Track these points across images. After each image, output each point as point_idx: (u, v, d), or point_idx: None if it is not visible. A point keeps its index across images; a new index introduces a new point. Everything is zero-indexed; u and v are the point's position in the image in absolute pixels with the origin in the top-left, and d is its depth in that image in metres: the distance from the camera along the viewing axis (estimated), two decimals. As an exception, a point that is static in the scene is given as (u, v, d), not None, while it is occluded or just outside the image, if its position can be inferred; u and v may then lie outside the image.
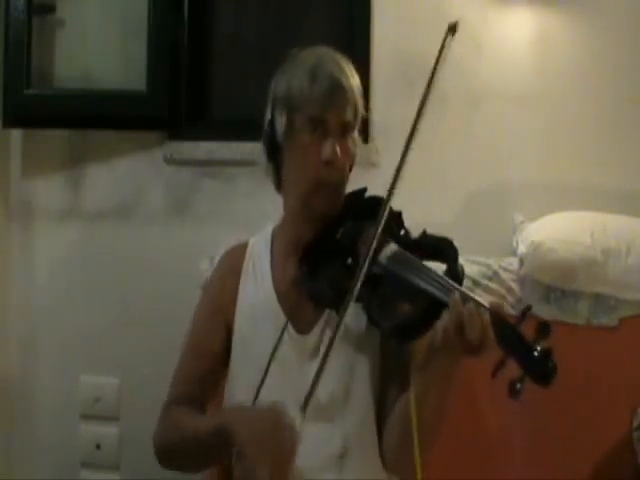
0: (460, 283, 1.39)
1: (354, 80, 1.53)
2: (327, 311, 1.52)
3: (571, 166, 2.26)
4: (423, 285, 1.38)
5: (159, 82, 2.39)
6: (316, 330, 1.53)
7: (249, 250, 1.65)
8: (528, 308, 1.34)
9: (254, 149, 2.34)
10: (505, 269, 2.11)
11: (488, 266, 2.11)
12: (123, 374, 2.49)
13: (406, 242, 1.49)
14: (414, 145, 2.26)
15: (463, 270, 1.43)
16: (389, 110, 2.28)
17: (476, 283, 2.08)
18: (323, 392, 1.43)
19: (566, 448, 1.91)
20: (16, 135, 2.55)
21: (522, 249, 2.10)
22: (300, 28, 2.46)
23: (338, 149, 1.49)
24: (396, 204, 1.51)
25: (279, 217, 1.64)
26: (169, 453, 1.56)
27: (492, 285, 2.08)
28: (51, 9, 2.47)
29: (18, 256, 2.58)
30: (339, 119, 1.50)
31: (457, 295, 1.32)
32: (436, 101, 2.31)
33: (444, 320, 1.32)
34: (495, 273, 2.10)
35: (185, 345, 1.65)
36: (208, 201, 2.47)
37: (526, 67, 2.26)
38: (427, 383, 1.39)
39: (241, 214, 2.36)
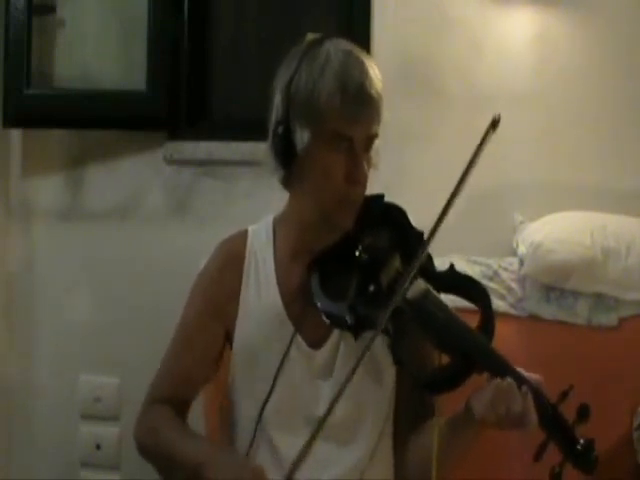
0: (493, 332, 1.36)
1: (379, 83, 1.41)
2: None
3: (571, 166, 2.26)
4: (457, 340, 1.34)
5: (159, 82, 2.39)
6: (328, 345, 1.46)
7: (249, 241, 1.54)
8: (570, 388, 1.32)
9: (254, 149, 2.38)
10: (505, 269, 2.11)
11: (488, 266, 2.12)
12: (123, 374, 2.49)
13: (433, 276, 1.42)
14: (413, 145, 2.28)
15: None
16: (389, 110, 2.28)
17: (476, 283, 2.09)
18: (335, 413, 1.35)
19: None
20: (16, 135, 2.55)
21: (522, 249, 2.10)
22: (300, 28, 2.46)
23: (365, 166, 1.42)
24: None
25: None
26: (144, 453, 1.51)
27: (492, 285, 2.08)
28: (51, 9, 2.47)
29: (18, 256, 2.58)
30: (366, 134, 1.41)
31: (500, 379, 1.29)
32: (436, 101, 2.33)
33: (483, 402, 1.29)
34: (495, 273, 2.11)
35: (175, 339, 1.55)
36: (208, 201, 2.47)
37: (526, 67, 2.26)
38: (453, 440, 1.36)
39: (241, 214, 2.35)
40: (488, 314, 1.37)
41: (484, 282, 2.07)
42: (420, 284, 1.38)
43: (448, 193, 1.33)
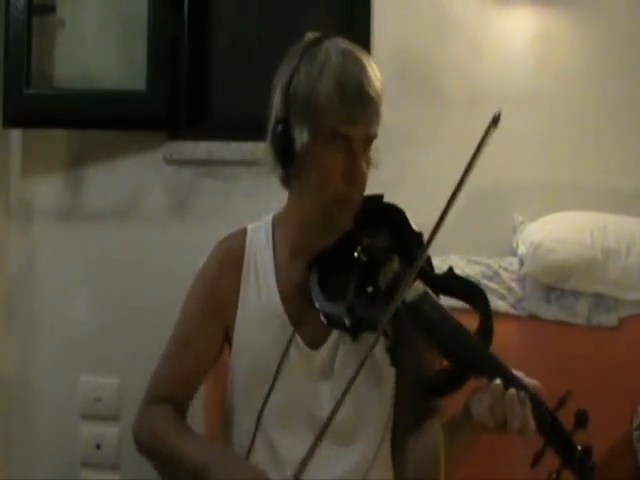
0: (492, 336, 1.34)
1: (378, 83, 1.41)
2: None
3: (571, 166, 2.26)
4: (454, 343, 1.33)
5: (159, 82, 2.39)
6: (327, 345, 1.46)
7: (248, 240, 1.54)
8: (567, 394, 1.30)
9: (254, 149, 2.38)
10: (505, 269, 2.12)
11: (488, 266, 2.12)
12: (123, 374, 2.49)
13: (431, 279, 1.41)
14: (413, 145, 2.29)
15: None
16: (389, 109, 2.28)
17: (476, 283, 2.09)
18: (337, 415, 1.34)
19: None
20: (16, 135, 2.55)
21: (522, 249, 2.10)
22: (300, 28, 2.45)
23: (363, 166, 1.42)
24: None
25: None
26: (143, 451, 1.51)
27: (492, 285, 2.08)
28: (51, 9, 2.47)
29: (18, 256, 2.58)
30: (365, 134, 1.41)
31: (499, 382, 1.27)
32: (436, 101, 2.33)
33: (482, 406, 1.28)
34: (495, 273, 2.11)
35: (173, 338, 1.55)
36: (208, 201, 2.47)
37: (526, 67, 2.26)
38: (452, 441, 1.36)
39: (241, 214, 2.34)
40: (487, 317, 1.36)
41: (484, 282, 2.08)
42: (418, 287, 1.38)
43: (448, 193, 1.33)
